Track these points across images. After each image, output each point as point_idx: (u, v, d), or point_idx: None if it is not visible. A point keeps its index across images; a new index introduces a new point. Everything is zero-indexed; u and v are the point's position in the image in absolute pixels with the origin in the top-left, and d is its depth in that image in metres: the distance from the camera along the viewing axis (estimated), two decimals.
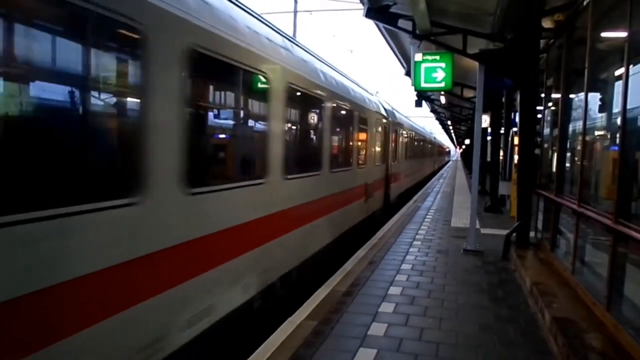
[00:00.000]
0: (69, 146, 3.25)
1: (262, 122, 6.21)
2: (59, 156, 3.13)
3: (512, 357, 4.78)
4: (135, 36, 3.64)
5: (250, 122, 6.14)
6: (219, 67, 4.97)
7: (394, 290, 6.87)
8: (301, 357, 4.65)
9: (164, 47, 3.98)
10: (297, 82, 7.22)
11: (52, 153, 3.07)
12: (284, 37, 7.39)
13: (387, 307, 6.13)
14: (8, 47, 2.78)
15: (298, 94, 7.38)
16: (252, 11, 6.24)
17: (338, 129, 10.06)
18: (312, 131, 8.54)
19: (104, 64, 3.55)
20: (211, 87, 5.22)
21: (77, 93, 3.30)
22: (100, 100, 3.53)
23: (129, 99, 3.80)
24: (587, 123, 6.58)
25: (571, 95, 7.85)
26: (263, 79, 6.04)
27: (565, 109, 7.93)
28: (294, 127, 7.61)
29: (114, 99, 3.69)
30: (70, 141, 3.27)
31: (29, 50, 2.95)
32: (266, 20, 6.76)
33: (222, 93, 5.49)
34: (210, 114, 5.21)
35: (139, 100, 3.77)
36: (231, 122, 5.66)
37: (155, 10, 3.84)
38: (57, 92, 3.19)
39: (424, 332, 5.35)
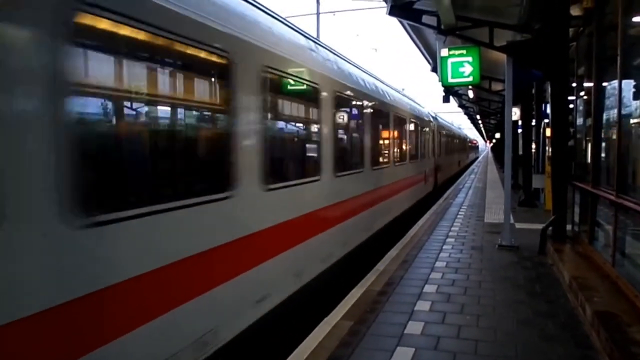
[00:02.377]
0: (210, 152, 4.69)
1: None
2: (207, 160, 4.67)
3: (553, 353, 4.70)
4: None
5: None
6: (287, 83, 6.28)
7: (429, 288, 6.83)
8: (339, 357, 4.67)
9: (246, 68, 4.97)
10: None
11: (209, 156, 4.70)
12: (353, 64, 9.97)
13: (423, 306, 6.10)
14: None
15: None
16: (311, 36, 7.78)
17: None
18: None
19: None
20: (280, 99, 6.09)
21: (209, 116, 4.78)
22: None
23: (225, 114, 4.70)
24: (622, 111, 6.42)
25: (604, 84, 7.66)
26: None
27: (598, 98, 7.75)
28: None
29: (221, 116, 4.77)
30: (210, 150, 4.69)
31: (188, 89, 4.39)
32: (332, 48, 8.79)
33: (290, 104, 6.56)
34: (282, 123, 6.31)
35: (230, 113, 4.70)
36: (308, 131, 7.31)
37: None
38: (196, 117, 4.63)
39: (461, 330, 5.30)
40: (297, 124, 6.97)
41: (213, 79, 4.71)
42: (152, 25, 3.57)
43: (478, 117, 45.46)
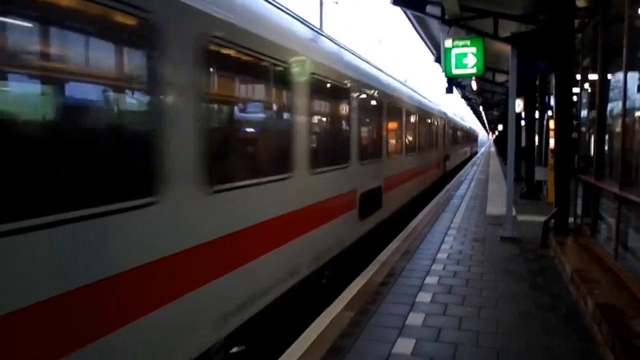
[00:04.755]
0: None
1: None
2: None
3: (555, 346, 4.69)
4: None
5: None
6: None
7: (430, 279, 6.83)
8: (340, 347, 4.67)
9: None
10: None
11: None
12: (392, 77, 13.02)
13: (424, 297, 6.10)
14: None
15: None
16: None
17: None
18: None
19: None
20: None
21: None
22: None
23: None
24: (627, 104, 6.37)
25: (609, 76, 7.59)
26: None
27: (603, 90, 7.69)
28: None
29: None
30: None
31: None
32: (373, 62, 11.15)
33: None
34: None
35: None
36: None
37: None
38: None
39: (463, 321, 5.30)
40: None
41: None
42: None
43: (481, 108, 45.34)
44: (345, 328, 5.13)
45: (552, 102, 11.71)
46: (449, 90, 20.30)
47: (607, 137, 7.71)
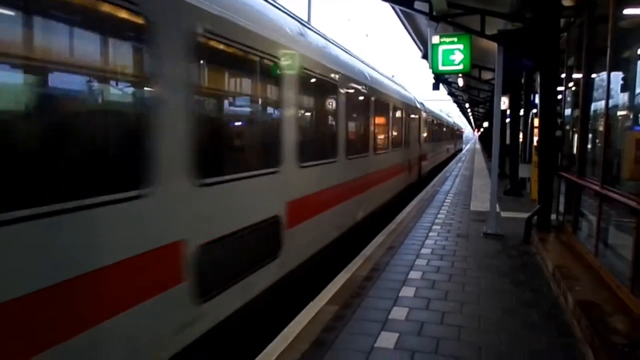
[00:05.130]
0: None
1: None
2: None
3: (536, 341, 4.76)
4: None
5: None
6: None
7: (414, 274, 6.87)
8: (323, 341, 4.69)
9: None
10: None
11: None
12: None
13: (407, 292, 6.13)
14: None
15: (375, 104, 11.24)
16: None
17: (397, 122, 14.66)
18: (378, 124, 11.77)
19: None
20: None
21: None
22: None
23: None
24: (610, 103, 6.45)
25: (593, 75, 7.68)
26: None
27: (586, 89, 7.78)
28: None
29: None
30: None
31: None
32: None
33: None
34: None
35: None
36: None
37: None
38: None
39: (445, 316, 5.35)
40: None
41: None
42: None
43: (467, 105, 45.61)
44: (329, 322, 5.15)
45: (537, 100, 11.81)
46: (436, 87, 20.39)
47: (590, 135, 7.81)
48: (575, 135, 8.45)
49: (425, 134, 21.67)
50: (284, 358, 4.37)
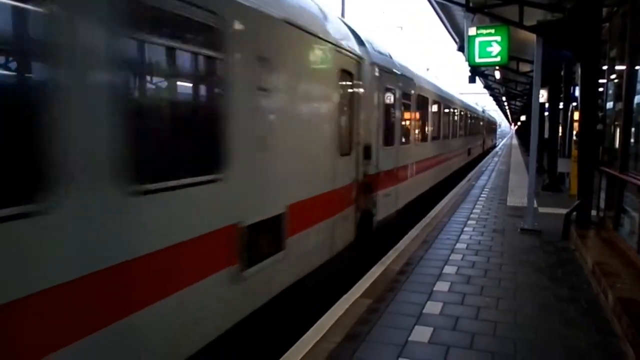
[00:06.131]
0: None
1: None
2: None
3: (574, 338, 4.67)
4: None
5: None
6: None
7: (448, 269, 6.81)
8: (357, 334, 4.71)
9: None
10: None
11: None
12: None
13: (442, 286, 6.09)
14: None
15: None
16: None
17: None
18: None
19: None
20: None
21: None
22: None
23: None
24: None
25: (637, 67, 7.44)
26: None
27: (630, 81, 7.53)
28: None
29: None
30: None
31: None
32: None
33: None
34: None
35: None
36: None
37: None
38: None
39: (480, 311, 5.30)
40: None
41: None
42: None
43: (504, 98, 44.72)
44: (363, 315, 5.17)
45: (577, 93, 11.51)
46: (472, 80, 20.07)
47: (632, 129, 7.57)
48: (618, 129, 8.21)
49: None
50: (318, 349, 4.41)
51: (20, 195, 2.47)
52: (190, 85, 4.17)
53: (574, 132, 14.12)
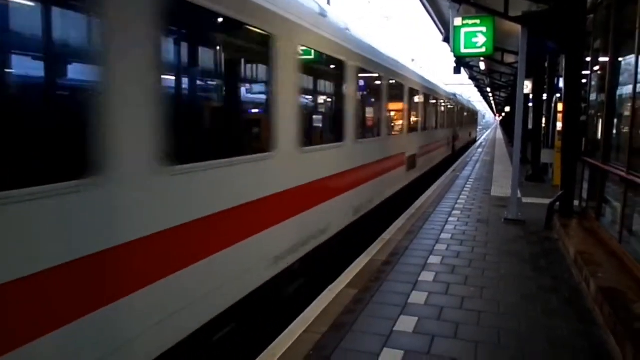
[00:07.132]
0: None
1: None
2: None
3: (556, 327, 4.73)
4: None
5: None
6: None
7: (433, 259, 6.85)
8: (342, 324, 4.72)
9: None
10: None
11: None
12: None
13: (427, 276, 6.13)
14: None
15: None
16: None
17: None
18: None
19: None
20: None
21: None
22: None
23: None
24: (638, 87, 6.29)
25: (620, 59, 7.50)
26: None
27: (613, 73, 7.60)
28: None
29: None
30: None
31: None
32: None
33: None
34: None
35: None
36: None
37: None
38: None
39: (465, 301, 5.34)
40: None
41: None
42: None
43: (488, 89, 44.96)
44: (349, 305, 5.18)
45: (561, 84, 11.58)
46: (457, 71, 20.13)
47: (615, 120, 7.64)
48: (601, 121, 8.29)
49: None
50: (304, 339, 4.41)
51: (265, 148, 5.03)
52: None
53: (558, 123, 14.24)
